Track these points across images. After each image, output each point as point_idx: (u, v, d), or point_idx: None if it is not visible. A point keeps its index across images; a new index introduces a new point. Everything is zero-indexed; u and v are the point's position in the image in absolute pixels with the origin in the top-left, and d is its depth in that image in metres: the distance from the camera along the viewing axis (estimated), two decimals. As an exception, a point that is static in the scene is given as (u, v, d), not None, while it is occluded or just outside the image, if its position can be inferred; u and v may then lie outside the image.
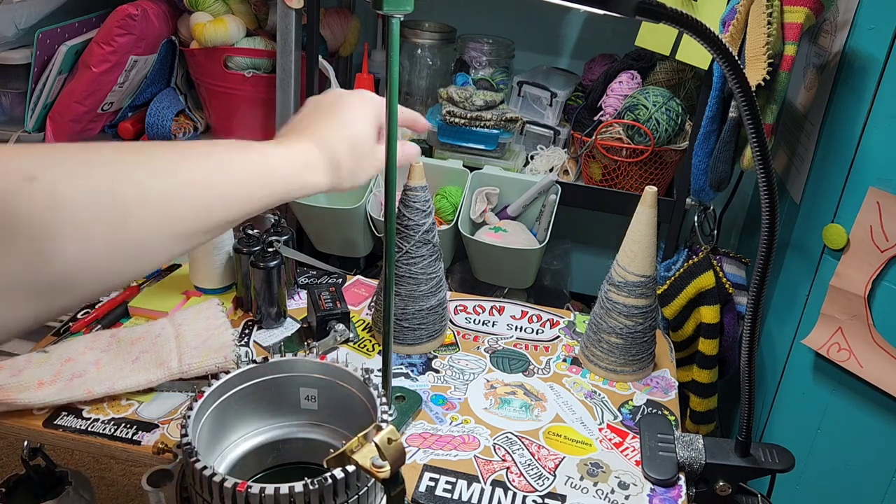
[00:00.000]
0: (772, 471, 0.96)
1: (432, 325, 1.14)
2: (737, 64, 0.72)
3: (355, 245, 1.66)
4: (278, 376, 0.81)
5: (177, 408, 1.00)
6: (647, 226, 1.06)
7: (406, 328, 1.12)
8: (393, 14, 0.71)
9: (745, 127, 0.90)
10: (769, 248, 0.82)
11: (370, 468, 0.63)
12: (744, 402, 0.93)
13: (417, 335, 1.13)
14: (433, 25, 1.84)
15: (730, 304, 1.50)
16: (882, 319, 1.15)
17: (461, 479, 0.92)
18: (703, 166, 1.46)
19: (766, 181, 0.77)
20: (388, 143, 0.76)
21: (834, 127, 1.31)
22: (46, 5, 1.71)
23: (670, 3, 0.71)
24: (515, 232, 1.57)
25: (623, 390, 1.11)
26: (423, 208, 1.08)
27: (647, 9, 0.69)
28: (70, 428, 0.95)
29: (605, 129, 1.54)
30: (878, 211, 1.13)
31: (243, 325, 1.18)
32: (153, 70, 1.77)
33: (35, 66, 1.67)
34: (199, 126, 1.88)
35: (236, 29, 1.69)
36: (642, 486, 0.93)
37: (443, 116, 1.62)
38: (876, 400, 1.17)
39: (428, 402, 1.05)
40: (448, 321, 1.21)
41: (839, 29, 1.33)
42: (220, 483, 0.64)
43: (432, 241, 1.10)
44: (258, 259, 1.14)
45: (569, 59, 1.97)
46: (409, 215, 1.08)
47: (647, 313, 1.09)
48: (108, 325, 1.15)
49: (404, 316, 1.11)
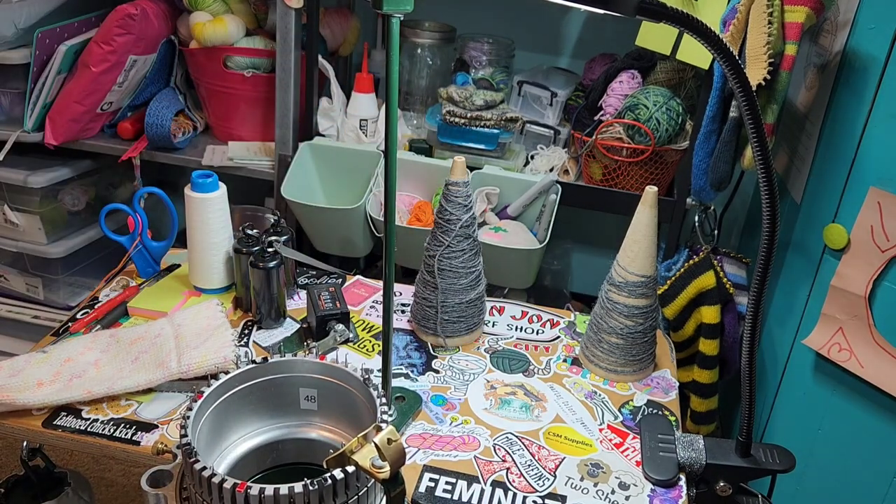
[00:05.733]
0: (772, 471, 0.96)
1: (471, 318, 1.16)
2: (737, 63, 0.71)
3: (355, 245, 1.66)
4: (278, 377, 0.81)
5: (176, 408, 1.00)
6: (648, 226, 1.06)
7: (446, 321, 1.14)
8: (393, 14, 0.70)
9: (745, 127, 0.90)
10: (770, 248, 0.82)
11: (370, 469, 0.63)
12: (744, 402, 0.93)
13: (457, 328, 1.15)
14: (433, 25, 1.84)
15: (730, 305, 1.50)
16: (883, 319, 1.15)
17: (461, 480, 0.92)
18: (704, 166, 1.46)
19: (766, 181, 0.77)
20: (387, 143, 0.76)
21: (835, 127, 1.31)
22: (46, 5, 1.71)
23: (671, 3, 0.71)
24: (515, 232, 1.57)
25: (623, 391, 1.11)
26: (464, 203, 1.10)
27: (648, 8, 0.69)
28: (69, 428, 0.94)
29: (605, 128, 1.54)
30: (879, 211, 1.13)
31: (243, 325, 1.18)
32: (152, 70, 1.77)
33: (34, 66, 1.67)
34: (198, 126, 1.87)
35: (236, 28, 1.68)
36: (643, 486, 0.93)
37: (443, 116, 1.62)
38: (876, 400, 1.17)
39: (428, 403, 1.05)
40: (485, 315, 1.23)
41: (840, 28, 1.33)
42: (220, 484, 0.64)
43: (472, 235, 1.12)
44: (258, 259, 1.13)
45: (569, 59, 1.96)
46: (451, 209, 1.09)
47: (647, 313, 1.09)
48: (108, 325, 1.15)
49: (444, 308, 1.13)
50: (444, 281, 1.11)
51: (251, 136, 1.83)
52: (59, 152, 1.79)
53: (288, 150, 1.69)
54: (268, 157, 1.76)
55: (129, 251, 1.26)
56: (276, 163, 1.71)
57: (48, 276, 1.90)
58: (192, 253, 1.22)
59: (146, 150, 1.78)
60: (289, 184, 1.60)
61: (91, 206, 1.94)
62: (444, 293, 1.12)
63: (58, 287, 1.91)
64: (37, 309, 1.94)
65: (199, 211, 1.18)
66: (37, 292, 1.92)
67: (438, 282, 1.12)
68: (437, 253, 1.11)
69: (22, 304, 1.94)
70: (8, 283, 1.94)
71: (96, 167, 1.90)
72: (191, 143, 1.84)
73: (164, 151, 1.78)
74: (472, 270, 1.14)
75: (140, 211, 1.26)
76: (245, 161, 1.74)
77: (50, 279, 1.90)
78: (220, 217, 1.20)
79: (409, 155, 1.67)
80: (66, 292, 1.93)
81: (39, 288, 1.91)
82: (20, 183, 1.74)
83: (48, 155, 1.80)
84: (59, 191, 1.83)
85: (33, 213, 1.79)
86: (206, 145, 1.82)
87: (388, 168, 0.78)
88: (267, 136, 1.80)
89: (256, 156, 1.76)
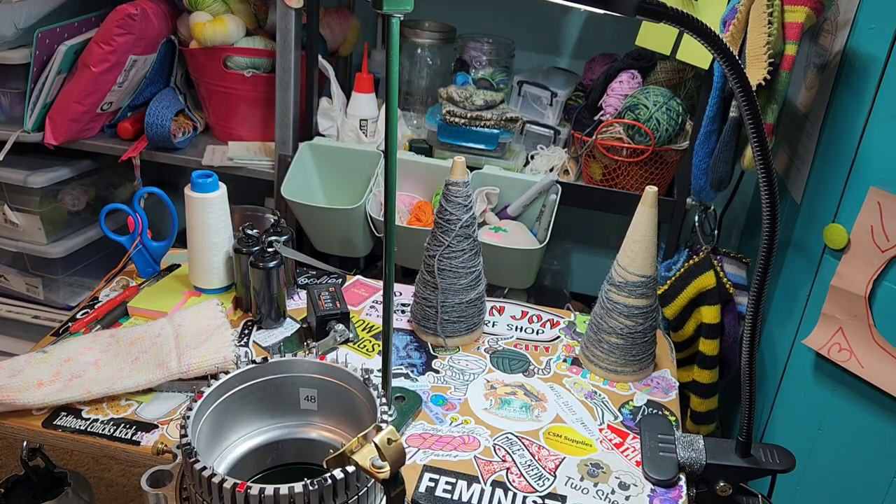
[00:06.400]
0: (772, 471, 0.96)
1: (471, 318, 1.16)
2: (737, 63, 0.71)
3: (355, 245, 1.66)
4: (278, 377, 0.81)
5: (176, 408, 1.00)
6: (648, 226, 1.06)
7: (446, 321, 1.14)
8: (393, 14, 0.70)
9: (745, 126, 0.90)
10: (770, 248, 0.82)
11: (370, 469, 0.63)
12: (744, 402, 0.93)
13: (457, 328, 1.15)
14: (433, 25, 1.84)
15: (730, 305, 1.50)
16: (883, 319, 1.15)
17: (461, 480, 0.92)
18: (704, 166, 1.46)
19: (766, 181, 0.77)
20: (387, 143, 0.76)
21: (835, 127, 1.31)
22: (46, 5, 1.71)
23: (671, 3, 0.71)
24: (515, 232, 1.57)
25: (623, 391, 1.11)
26: (464, 203, 1.10)
27: (648, 8, 0.69)
28: (69, 428, 0.94)
29: (605, 128, 1.54)
30: (879, 211, 1.13)
31: (243, 325, 1.18)
32: (152, 70, 1.77)
33: (34, 66, 1.67)
34: (198, 126, 1.87)
35: (236, 28, 1.68)
36: (643, 486, 0.93)
37: (443, 116, 1.62)
38: (876, 400, 1.17)
39: (428, 403, 1.05)
40: (485, 315, 1.23)
41: (840, 28, 1.33)
42: (220, 484, 0.64)
43: (472, 235, 1.12)
44: (258, 259, 1.13)
45: (569, 59, 1.96)
46: (451, 209, 1.10)
47: (647, 313, 1.09)
48: (108, 325, 1.15)
49: (444, 309, 1.13)
50: (444, 281, 1.11)
51: (251, 136, 1.83)
52: (59, 152, 1.79)
53: (288, 150, 1.69)
54: (268, 157, 1.76)
55: (129, 251, 1.26)
56: (276, 163, 1.71)
57: (48, 276, 1.90)
58: (192, 253, 1.22)
59: (146, 150, 1.78)
60: (289, 184, 1.60)
61: (91, 206, 1.94)
62: (444, 293, 1.12)
63: (58, 287, 1.91)
64: (37, 309, 1.94)
65: (199, 211, 1.18)
66: (37, 292, 1.92)
67: (438, 282, 1.12)
68: (437, 253, 1.11)
69: (22, 304, 1.95)
70: (8, 283, 1.94)
71: (96, 167, 1.90)
72: (191, 143, 1.84)
73: (164, 151, 1.78)
74: (472, 270, 1.14)
75: (140, 211, 1.26)
76: (245, 161, 1.74)
77: (50, 279, 1.90)
78: (220, 217, 1.20)
79: (409, 155, 1.67)
80: (66, 292, 1.93)
81: (39, 288, 1.91)
82: (20, 183, 1.74)
83: (48, 155, 1.80)
84: (59, 191, 1.83)
85: (33, 213, 1.79)
86: (206, 145, 1.82)
87: (388, 168, 0.78)
88: (267, 136, 1.80)
89: (256, 156, 1.76)
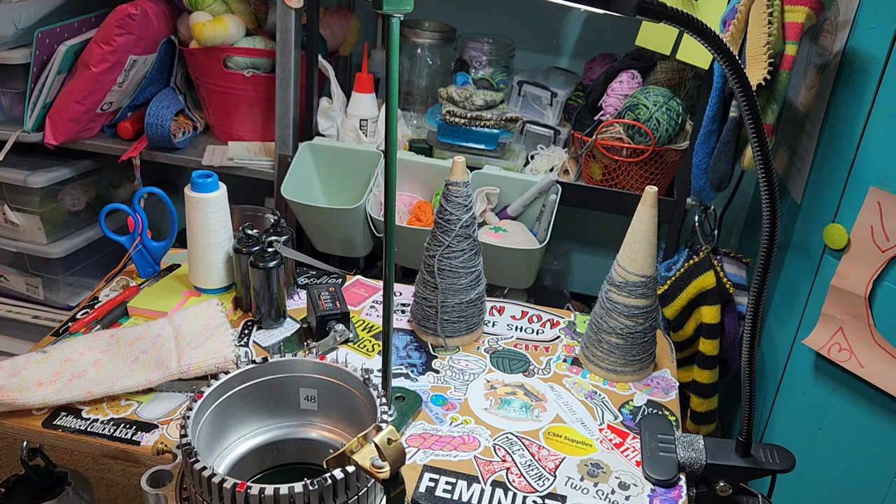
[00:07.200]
0: (772, 471, 0.96)
1: (471, 318, 1.16)
2: (737, 63, 0.71)
3: (355, 245, 1.66)
4: (278, 377, 0.81)
5: (176, 408, 1.00)
6: (648, 226, 1.06)
7: (446, 321, 1.14)
8: (393, 14, 0.70)
9: (745, 127, 0.90)
10: (770, 248, 0.82)
11: (370, 469, 0.63)
12: (744, 402, 0.93)
13: (457, 328, 1.15)
14: (433, 25, 1.84)
15: (730, 305, 1.50)
16: (883, 319, 1.15)
17: (461, 480, 0.92)
18: (704, 166, 1.46)
19: (766, 181, 0.77)
20: (387, 143, 0.76)
21: (835, 127, 1.31)
22: (46, 5, 1.71)
23: (671, 3, 0.71)
24: (515, 232, 1.57)
25: (623, 391, 1.11)
26: (464, 203, 1.10)
27: (648, 8, 0.69)
28: (69, 428, 0.94)
29: (605, 128, 1.54)
30: (879, 211, 1.13)
31: (243, 325, 1.18)
32: (152, 70, 1.77)
33: (34, 66, 1.67)
34: (198, 126, 1.87)
35: (236, 28, 1.68)
36: (643, 486, 0.93)
37: (443, 116, 1.62)
38: (876, 400, 1.17)
39: (428, 403, 1.05)
40: (485, 315, 1.23)
41: (840, 28, 1.33)
42: (220, 483, 0.64)
43: (472, 235, 1.12)
44: (258, 259, 1.13)
45: (569, 59, 1.96)
46: (451, 209, 1.10)
47: (647, 313, 1.09)
48: (108, 325, 1.15)
49: (444, 308, 1.13)
50: (444, 281, 1.11)
51: (251, 136, 1.83)
52: (59, 152, 1.79)
53: (288, 150, 1.69)
54: (268, 157, 1.76)
55: (129, 251, 1.26)
56: (276, 163, 1.71)
57: (48, 276, 1.90)
58: (192, 253, 1.22)
59: (146, 150, 1.78)
60: (289, 184, 1.60)
61: (91, 206, 1.94)
62: (444, 293, 1.12)
63: (58, 287, 1.91)
64: (37, 309, 1.94)
65: (199, 211, 1.18)
66: (37, 292, 1.92)
67: (438, 282, 1.12)
68: (437, 253, 1.11)
69: (22, 304, 1.95)
70: (8, 283, 1.94)
71: (96, 167, 1.90)
72: (191, 143, 1.84)
73: (164, 151, 1.78)
74: (472, 270, 1.14)
75: (140, 211, 1.26)
76: (245, 161, 1.74)
77: (50, 279, 1.90)
78: (220, 217, 1.20)
79: (409, 155, 1.67)
80: (66, 292, 1.93)
81: (39, 288, 1.91)
82: (20, 183, 1.74)
83: (48, 155, 1.80)
84: (59, 191, 1.83)
85: (33, 213, 1.79)
86: (206, 145, 1.82)
87: (388, 168, 0.78)
88: (267, 136, 1.80)
89: (256, 156, 1.76)
